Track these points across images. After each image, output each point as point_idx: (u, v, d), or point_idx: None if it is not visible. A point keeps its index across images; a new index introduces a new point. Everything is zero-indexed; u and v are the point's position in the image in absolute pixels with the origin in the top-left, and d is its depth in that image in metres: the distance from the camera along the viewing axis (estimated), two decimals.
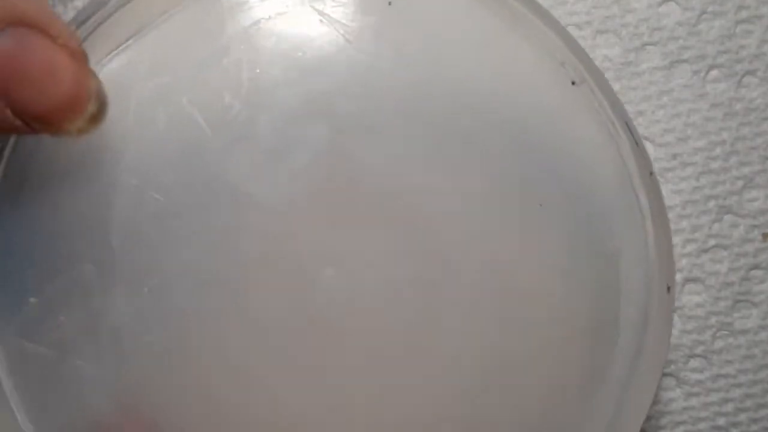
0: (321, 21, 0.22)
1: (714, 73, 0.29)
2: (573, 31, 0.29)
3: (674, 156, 0.29)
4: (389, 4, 0.22)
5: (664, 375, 0.29)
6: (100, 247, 0.21)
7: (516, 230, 0.22)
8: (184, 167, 0.22)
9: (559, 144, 0.23)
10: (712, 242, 0.29)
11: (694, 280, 0.29)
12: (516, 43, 0.22)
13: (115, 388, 0.22)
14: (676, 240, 0.29)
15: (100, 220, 0.21)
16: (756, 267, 0.29)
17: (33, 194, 0.22)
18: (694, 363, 0.29)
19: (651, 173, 0.23)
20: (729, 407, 0.29)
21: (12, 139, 0.22)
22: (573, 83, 0.23)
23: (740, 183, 0.29)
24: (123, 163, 0.22)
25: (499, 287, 0.22)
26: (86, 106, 0.20)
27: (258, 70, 0.22)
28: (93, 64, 0.21)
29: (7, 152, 0.22)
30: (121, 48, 0.22)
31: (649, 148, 0.29)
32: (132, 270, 0.22)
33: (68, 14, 0.28)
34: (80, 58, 0.20)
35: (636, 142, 0.23)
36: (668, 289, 0.23)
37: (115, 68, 0.22)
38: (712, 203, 0.29)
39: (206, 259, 0.22)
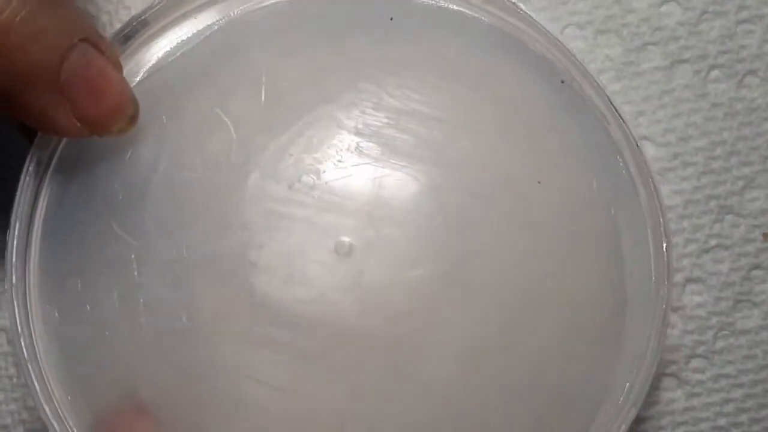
0: None
1: (715, 73, 0.29)
2: (574, 31, 0.29)
3: (675, 156, 0.29)
4: (391, 18, 0.26)
5: (665, 375, 0.29)
6: (137, 229, 0.25)
7: (521, 207, 0.26)
8: (212, 157, 0.25)
9: (552, 132, 0.26)
10: (713, 242, 0.29)
11: (696, 280, 0.29)
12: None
13: (147, 366, 0.24)
14: (678, 240, 0.29)
15: (137, 205, 0.25)
16: (757, 267, 0.29)
17: (78, 187, 0.25)
18: (695, 363, 0.29)
19: (637, 145, 0.26)
20: (730, 407, 0.29)
21: (62, 142, 0.25)
22: (562, 82, 0.26)
23: (741, 183, 0.29)
24: (158, 155, 0.25)
25: (511, 259, 0.25)
26: (128, 109, 0.23)
27: (271, 79, 0.25)
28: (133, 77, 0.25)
29: (56, 155, 0.25)
30: (157, 65, 0.26)
31: (650, 147, 0.29)
32: (163, 250, 0.24)
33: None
34: (120, 68, 0.24)
35: (621, 118, 0.26)
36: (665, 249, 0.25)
37: (152, 80, 0.25)
38: (713, 203, 0.29)
39: (228, 239, 0.25)
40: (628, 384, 0.25)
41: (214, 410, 0.24)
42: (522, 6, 0.26)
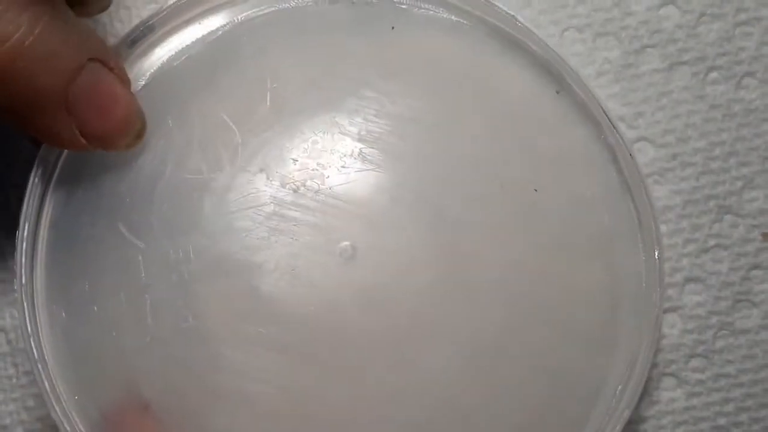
0: None
1: (713, 74, 0.29)
2: (573, 34, 0.29)
3: (674, 156, 0.29)
4: (392, 28, 0.26)
5: (666, 375, 0.29)
6: (144, 231, 0.25)
7: (517, 212, 0.26)
8: (218, 160, 0.25)
9: (549, 139, 0.27)
10: (712, 242, 0.29)
11: (695, 279, 0.29)
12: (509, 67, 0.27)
13: (153, 366, 0.25)
14: (677, 240, 0.29)
15: (144, 207, 0.25)
16: (756, 267, 0.29)
17: (85, 190, 0.25)
18: (695, 363, 0.29)
19: (630, 154, 0.26)
20: (730, 407, 0.29)
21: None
22: (557, 92, 0.27)
23: (740, 183, 0.29)
24: (164, 158, 0.25)
25: (508, 263, 0.26)
26: (135, 126, 0.23)
27: (276, 84, 0.26)
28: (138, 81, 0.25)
29: (63, 158, 0.26)
30: (163, 69, 0.26)
31: (650, 148, 0.29)
32: (169, 252, 0.25)
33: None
34: (128, 84, 0.23)
35: (613, 125, 0.26)
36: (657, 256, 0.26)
37: (157, 84, 0.26)
38: (712, 203, 0.29)
39: (234, 242, 0.25)
40: (620, 386, 0.26)
41: (218, 409, 0.24)
42: (520, 18, 0.26)
